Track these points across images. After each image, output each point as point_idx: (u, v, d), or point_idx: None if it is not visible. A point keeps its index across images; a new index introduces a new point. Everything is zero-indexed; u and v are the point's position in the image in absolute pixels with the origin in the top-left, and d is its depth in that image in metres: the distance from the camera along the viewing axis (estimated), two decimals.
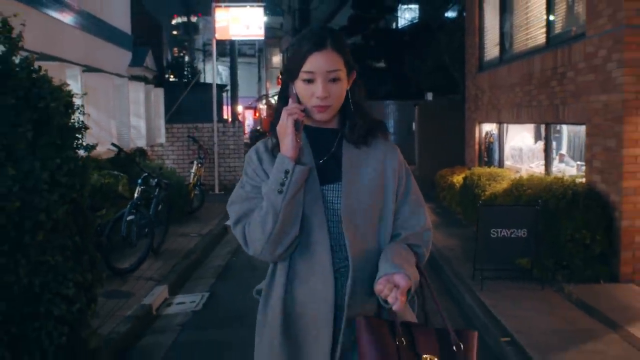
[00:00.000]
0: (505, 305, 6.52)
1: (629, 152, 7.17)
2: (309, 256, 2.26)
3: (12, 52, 4.59)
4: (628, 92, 7.09)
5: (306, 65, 2.23)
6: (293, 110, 2.22)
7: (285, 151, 2.21)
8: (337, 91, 2.26)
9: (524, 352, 5.31)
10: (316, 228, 2.26)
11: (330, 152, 2.34)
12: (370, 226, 2.30)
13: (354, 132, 2.34)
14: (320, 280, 2.24)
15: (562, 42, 8.93)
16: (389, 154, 2.38)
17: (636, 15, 7.06)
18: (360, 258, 2.25)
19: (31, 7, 9.25)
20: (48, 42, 9.58)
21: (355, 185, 2.30)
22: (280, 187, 2.18)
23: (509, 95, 11.24)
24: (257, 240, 2.22)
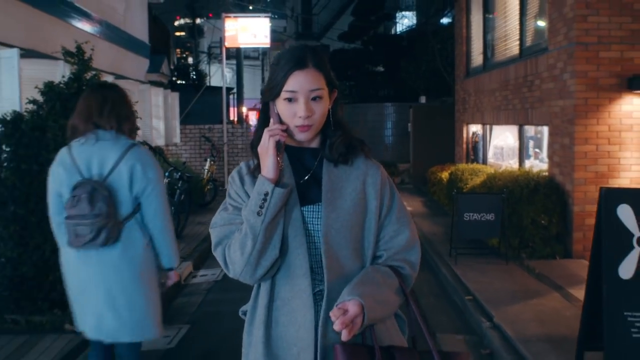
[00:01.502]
0: (472, 275, 7.90)
1: (579, 148, 8.54)
2: (289, 278, 2.24)
3: (84, 70, 6.00)
4: (578, 99, 8.47)
5: (288, 85, 2.21)
6: (274, 131, 2.19)
7: (266, 173, 2.18)
8: (320, 110, 2.25)
9: (481, 306, 6.71)
10: (295, 250, 2.23)
11: (311, 172, 2.31)
12: (351, 248, 2.27)
13: (334, 150, 2.31)
14: (300, 303, 2.22)
15: (531, 54, 10.30)
16: (371, 173, 2.34)
17: (585, 34, 8.42)
18: (338, 281, 2.22)
19: (69, 23, 10.68)
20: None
21: (335, 206, 2.26)
22: (260, 209, 2.15)
23: (490, 99, 12.61)
24: (237, 263, 2.20)
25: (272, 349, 2.24)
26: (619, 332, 4.09)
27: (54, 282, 5.97)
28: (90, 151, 3.85)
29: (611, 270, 4.13)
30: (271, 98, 2.26)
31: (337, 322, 2.05)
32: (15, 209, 5.95)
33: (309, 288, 2.20)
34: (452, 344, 5.97)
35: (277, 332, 2.24)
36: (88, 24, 11.73)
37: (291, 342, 2.21)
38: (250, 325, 2.33)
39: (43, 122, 5.88)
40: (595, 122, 8.48)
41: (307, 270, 2.21)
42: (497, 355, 5.62)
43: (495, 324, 6.13)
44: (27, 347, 5.59)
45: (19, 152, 5.93)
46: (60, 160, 3.94)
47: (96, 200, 3.71)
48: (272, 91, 2.24)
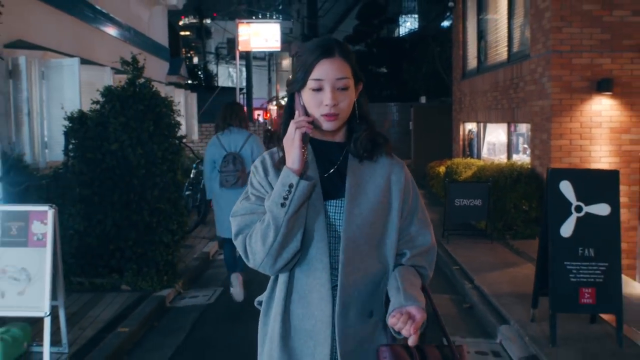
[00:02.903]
0: (461, 251, 9.19)
1: (555, 143, 9.82)
2: (308, 272, 2.23)
3: (137, 77, 7.31)
4: (554, 99, 9.74)
5: (314, 73, 2.20)
6: (301, 122, 2.17)
7: (291, 164, 2.17)
8: (346, 100, 2.22)
9: (466, 273, 8.00)
10: (316, 244, 2.22)
11: (335, 166, 2.29)
12: (372, 245, 2.25)
13: (360, 145, 2.28)
14: (317, 296, 2.21)
15: (517, 60, 11.58)
16: (395, 171, 2.32)
17: (559, 43, 9.69)
18: (355, 277, 2.21)
19: (105, 32, 11.99)
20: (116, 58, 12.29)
21: (358, 202, 2.24)
22: (284, 200, 2.14)
23: (483, 100, 13.89)
24: (257, 253, 2.19)
25: (288, 341, 2.25)
26: (560, 277, 5.37)
27: (113, 251, 7.31)
28: (229, 138, 7.08)
29: (555, 231, 5.42)
30: (297, 88, 2.25)
31: (408, 327, 2.06)
32: (81, 190, 7.25)
33: (327, 282, 2.20)
34: (439, 301, 7.26)
35: (294, 325, 2.24)
36: (120, 32, 13.05)
37: (307, 335, 2.22)
38: (265, 317, 2.34)
39: (105, 119, 7.19)
40: (569, 120, 9.75)
41: (327, 265, 2.20)
42: (475, 308, 6.92)
43: (476, 285, 7.43)
44: (92, 303, 6.88)
45: (84, 144, 7.23)
46: (213, 142, 7.15)
47: (236, 163, 6.93)
48: (299, 81, 2.24)
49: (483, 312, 6.67)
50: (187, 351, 5.84)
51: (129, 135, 7.11)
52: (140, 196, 7.22)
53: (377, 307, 2.25)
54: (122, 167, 7.17)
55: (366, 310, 2.23)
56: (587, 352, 5.21)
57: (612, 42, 9.62)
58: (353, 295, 2.20)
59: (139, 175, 7.17)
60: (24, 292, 4.95)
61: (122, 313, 6.51)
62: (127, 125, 7.11)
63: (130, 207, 7.22)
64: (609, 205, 5.45)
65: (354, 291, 2.20)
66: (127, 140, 7.11)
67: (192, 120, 17.19)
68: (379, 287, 2.25)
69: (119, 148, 7.12)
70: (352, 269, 2.20)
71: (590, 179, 5.61)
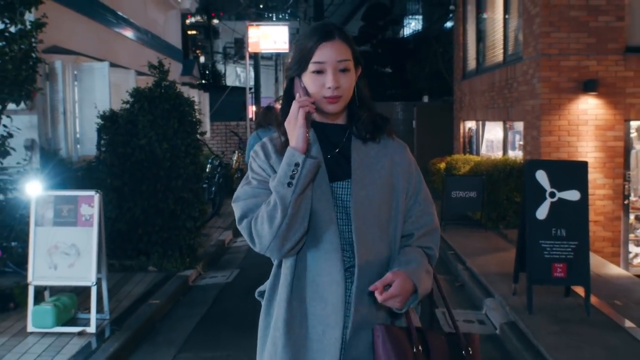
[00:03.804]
0: (457, 238, 9.99)
1: (545, 139, 10.60)
2: (317, 254, 2.19)
3: (163, 79, 8.14)
4: (544, 99, 10.52)
5: (316, 56, 2.19)
6: (304, 102, 2.16)
7: (296, 144, 2.14)
8: (347, 82, 2.22)
9: (459, 257, 8.81)
10: (325, 225, 2.18)
11: (339, 148, 2.28)
12: (379, 225, 2.23)
13: (363, 127, 2.28)
14: (328, 279, 2.17)
15: (511, 62, 12.36)
16: (398, 152, 2.33)
17: (548, 47, 10.48)
18: (368, 258, 2.19)
19: (126, 36, 12.83)
20: (135, 60, 13.15)
21: (364, 183, 2.22)
22: (290, 180, 2.11)
23: (481, 99, 14.67)
24: (264, 236, 2.14)
25: (294, 326, 2.17)
26: (536, 254, 6.18)
27: (141, 236, 8.14)
28: (266, 133, 7.29)
29: (532, 214, 6.22)
30: (298, 72, 2.24)
31: (381, 294, 2.08)
32: (112, 181, 8.08)
33: (339, 263, 2.16)
34: None
35: (302, 309, 2.18)
36: (139, 35, 13.90)
37: (316, 320, 2.16)
38: (268, 306, 2.28)
39: (134, 117, 8.02)
40: (557, 118, 10.53)
41: (338, 246, 2.16)
42: (466, 286, 7.75)
43: (467, 267, 8.25)
44: (123, 281, 7.70)
45: (115, 140, 8.07)
46: (254, 137, 8.19)
47: None
48: (300, 64, 2.23)
49: (472, 288, 7.48)
50: (211, 319, 6.68)
51: (155, 131, 7.94)
52: (165, 186, 8.05)
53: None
54: (149, 160, 8.01)
55: None
56: (558, 318, 6.01)
57: (597, 45, 10.38)
58: (367, 277, 2.17)
59: (164, 168, 8.00)
60: (74, 265, 5.78)
61: (150, 289, 7.33)
62: (154, 123, 7.94)
63: (157, 196, 8.05)
64: (579, 191, 6.24)
65: (368, 273, 2.17)
66: (154, 136, 7.94)
67: (205, 118, 18.02)
68: (387, 270, 2.20)
69: (147, 143, 7.95)
70: (365, 250, 2.18)
71: (563, 168, 6.42)
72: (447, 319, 2.20)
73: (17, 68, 6.43)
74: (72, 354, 5.31)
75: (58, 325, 5.75)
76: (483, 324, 6.45)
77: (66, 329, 5.77)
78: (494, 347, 5.89)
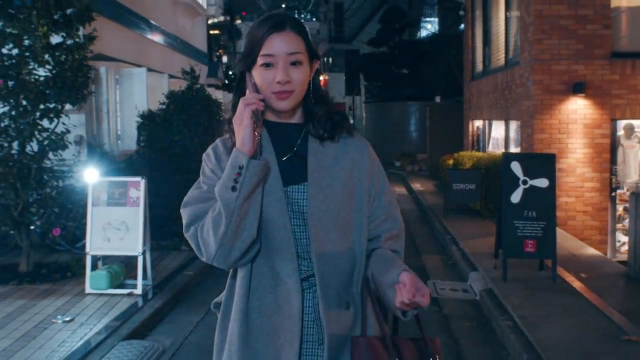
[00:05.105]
0: (455, 225, 11.12)
1: (537, 136, 11.68)
2: (272, 264, 2.05)
3: (194, 83, 9.35)
4: (536, 100, 11.60)
5: (265, 48, 2.02)
6: (250, 99, 1.98)
7: (240, 145, 1.97)
8: (299, 76, 2.06)
9: (455, 241, 9.94)
10: (279, 233, 2.04)
11: (294, 149, 2.13)
12: (340, 231, 2.09)
13: (320, 126, 2.13)
14: (285, 290, 2.04)
15: (511, 65, 13.44)
16: (359, 151, 2.18)
17: (541, 53, 11.56)
18: (329, 266, 2.06)
19: (157, 42, 14.09)
20: (166, 64, 14.40)
21: (322, 186, 2.08)
22: (234, 184, 1.95)
23: (486, 100, 15.76)
24: (209, 244, 2.00)
25: (250, 342, 2.06)
26: (510, 232, 7.30)
27: (175, 219, 9.33)
28: None
29: (507, 198, 7.35)
30: (247, 65, 2.08)
31: (420, 297, 1.90)
32: (150, 172, 9.29)
33: (295, 273, 2.04)
34: (432, 260, 9.23)
35: (259, 323, 2.05)
36: (169, 41, 15.15)
37: (275, 333, 2.04)
38: (224, 319, 2.16)
39: (169, 116, 9.24)
40: (549, 117, 11.61)
41: (294, 254, 2.04)
42: (457, 264, 8.90)
43: (460, 248, 9.38)
44: (160, 258, 8.90)
45: (153, 136, 9.29)
46: None
47: None
48: (248, 57, 2.07)
49: (462, 265, 8.63)
50: None
51: (188, 129, 9.16)
52: (197, 176, 9.23)
53: (352, 298, 2.10)
54: (183, 154, 9.21)
55: (343, 301, 2.08)
56: (528, 286, 7.13)
57: (585, 51, 11.44)
58: (330, 286, 2.06)
59: (196, 160, 9.16)
60: (124, 238, 6.99)
61: (185, 264, 8.54)
62: (187, 121, 9.15)
63: (189, 185, 9.16)
64: (547, 179, 7.35)
65: (330, 281, 2.06)
66: (187, 133, 9.15)
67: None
68: (352, 276, 2.11)
69: (181, 139, 9.16)
70: (324, 258, 2.05)
71: (534, 160, 7.56)
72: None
73: (74, 75, 7.65)
74: (123, 310, 6.52)
75: (111, 288, 6.97)
76: (466, 292, 7.60)
77: (117, 291, 7.00)
78: (473, 309, 7.05)
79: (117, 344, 5.61)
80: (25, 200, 7.57)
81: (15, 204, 7.50)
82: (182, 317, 6.80)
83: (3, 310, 6.49)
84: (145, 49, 12.90)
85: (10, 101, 7.58)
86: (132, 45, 12.11)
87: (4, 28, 7.58)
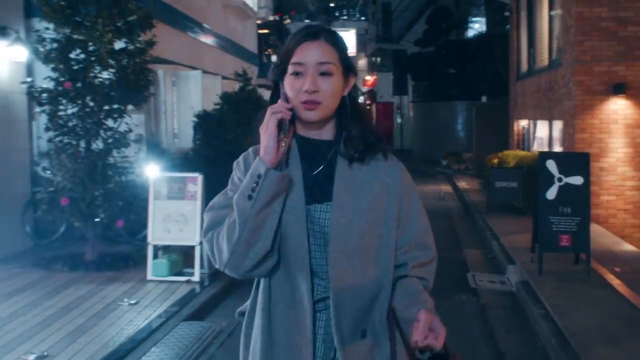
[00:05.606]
0: (497, 222, 11.47)
1: (579, 136, 11.95)
2: (289, 281, 2.02)
3: (247, 85, 9.89)
4: (577, 100, 11.88)
5: (295, 56, 2.00)
6: (277, 108, 1.96)
7: (263, 154, 1.95)
8: (329, 87, 2.00)
9: (496, 236, 10.31)
10: (295, 251, 1.99)
11: (322, 167, 2.06)
12: (364, 256, 2.02)
13: (350, 145, 2.06)
14: (298, 310, 2.01)
15: (554, 67, 13.71)
16: (391, 175, 2.10)
17: (582, 54, 11.83)
18: (347, 292, 2.00)
19: (211, 45, 14.70)
20: (219, 66, 15.01)
21: (346, 209, 2.01)
22: (251, 192, 1.91)
23: (531, 100, 16.03)
24: (223, 251, 1.97)
25: (272, 356, 2.03)
26: (546, 228, 7.67)
27: None
28: None
29: (543, 195, 7.71)
30: (279, 74, 2.06)
31: (432, 340, 1.87)
32: (205, 168, 9.85)
33: (307, 293, 1.99)
34: (473, 254, 9.64)
35: (280, 338, 2.02)
36: (222, 44, 15.77)
37: (293, 349, 2.00)
38: (247, 328, 2.14)
39: (223, 116, 9.80)
40: (590, 117, 11.87)
41: (308, 275, 1.99)
42: (497, 258, 9.29)
43: (500, 243, 9.76)
44: None
45: (208, 135, 9.85)
46: None
47: None
48: (280, 66, 2.04)
49: (501, 259, 9.02)
50: None
51: (241, 128, 9.70)
52: None
53: (371, 326, 2.05)
54: (236, 152, 9.68)
55: (358, 329, 2.02)
56: (562, 279, 7.49)
57: (626, 52, 11.69)
58: (345, 311, 2.00)
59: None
60: (183, 229, 7.56)
61: None
62: (240, 121, 9.69)
63: None
64: (582, 177, 7.69)
65: (346, 307, 2.01)
66: (240, 132, 9.70)
67: None
68: (373, 304, 2.05)
69: (234, 137, 9.71)
70: (343, 283, 2.00)
71: (569, 158, 7.91)
72: None
73: (136, 78, 8.25)
74: (182, 295, 7.08)
75: (170, 275, 7.54)
76: (503, 284, 8.00)
77: (176, 278, 7.57)
78: (509, 299, 7.46)
79: (178, 324, 6.17)
80: (92, 195, 8.18)
81: (83, 198, 8.13)
82: (236, 303, 7.27)
83: (74, 293, 7.12)
84: (199, 52, 13.50)
85: (78, 102, 8.21)
86: (187, 48, 12.71)
87: (71, 35, 8.21)
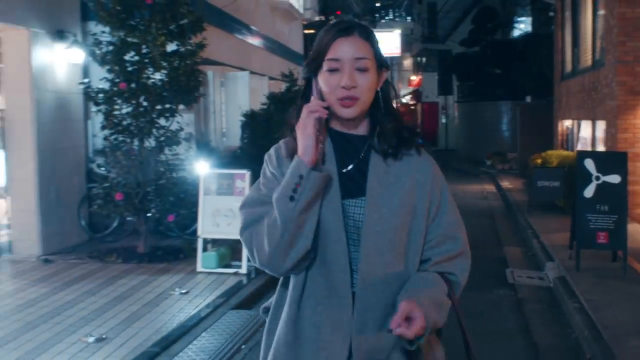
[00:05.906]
0: (538, 221, 11.62)
1: (621, 136, 12.02)
2: (325, 275, 2.01)
3: (293, 85, 10.22)
4: (620, 100, 11.96)
5: (331, 52, 1.99)
6: (314, 107, 1.95)
7: (302, 154, 1.93)
8: (365, 83, 2.00)
9: (536, 233, 10.47)
10: (333, 245, 2.00)
11: (356, 162, 2.07)
12: (393, 252, 2.03)
13: (384, 140, 2.06)
14: (335, 303, 2.00)
15: (598, 67, 13.78)
16: (422, 170, 2.10)
17: (625, 55, 11.90)
18: (376, 288, 2.01)
19: (258, 47, 15.08)
20: (266, 67, 15.38)
21: (379, 205, 2.02)
22: (293, 193, 1.90)
23: (575, 100, 16.08)
24: (263, 251, 1.97)
25: (297, 351, 2.02)
26: (583, 225, 7.84)
27: None
28: None
29: (581, 193, 7.88)
30: (313, 70, 2.05)
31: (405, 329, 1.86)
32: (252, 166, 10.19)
33: (347, 286, 2.00)
34: (513, 251, 9.84)
35: (308, 333, 2.01)
36: (268, 45, 16.14)
37: (321, 345, 1.99)
38: (271, 324, 2.12)
39: (270, 115, 10.14)
40: (633, 117, 11.94)
41: (347, 266, 2.00)
42: (537, 255, 9.47)
43: (540, 241, 9.93)
44: None
45: (255, 134, 10.20)
46: None
47: None
48: (314, 62, 2.04)
49: (540, 256, 9.20)
50: None
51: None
52: None
53: None
54: None
55: (384, 322, 1.99)
56: (599, 275, 7.66)
57: None
58: (370, 305, 2.01)
59: None
60: (231, 224, 7.91)
61: None
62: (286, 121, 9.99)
63: None
64: (619, 176, 7.84)
65: (372, 301, 2.01)
66: None
67: None
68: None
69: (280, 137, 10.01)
70: (372, 278, 2.01)
71: (606, 157, 8.06)
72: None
73: (187, 79, 8.63)
74: (230, 286, 7.43)
75: (219, 267, 7.91)
76: (542, 280, 8.19)
77: (224, 270, 7.93)
78: (546, 294, 7.65)
79: (226, 312, 6.51)
80: (144, 190, 8.59)
81: (136, 194, 8.54)
82: None
83: (128, 283, 7.53)
84: (247, 53, 13.89)
85: (132, 102, 8.63)
86: (235, 50, 13.10)
87: (126, 38, 8.63)
